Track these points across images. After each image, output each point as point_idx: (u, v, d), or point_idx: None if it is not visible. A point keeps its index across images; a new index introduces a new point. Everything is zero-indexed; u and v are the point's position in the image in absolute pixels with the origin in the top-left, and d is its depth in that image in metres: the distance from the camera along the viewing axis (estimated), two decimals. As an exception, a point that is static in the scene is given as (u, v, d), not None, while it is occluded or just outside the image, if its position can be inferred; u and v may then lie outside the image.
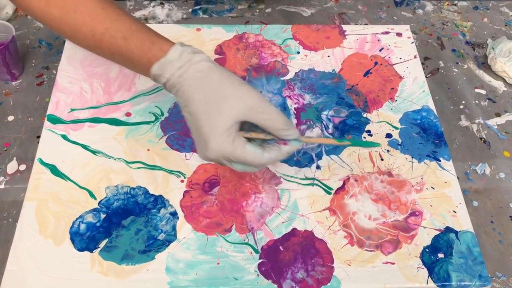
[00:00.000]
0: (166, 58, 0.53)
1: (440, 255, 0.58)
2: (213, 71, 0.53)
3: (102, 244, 0.57)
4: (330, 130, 0.68)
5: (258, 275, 0.56)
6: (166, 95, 0.69)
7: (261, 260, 0.57)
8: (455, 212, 0.61)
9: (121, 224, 0.58)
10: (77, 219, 0.58)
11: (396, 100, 0.72)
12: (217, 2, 0.88)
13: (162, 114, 0.68)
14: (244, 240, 0.58)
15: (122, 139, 0.65)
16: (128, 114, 0.68)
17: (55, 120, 0.66)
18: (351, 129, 0.68)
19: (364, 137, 0.67)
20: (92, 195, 0.60)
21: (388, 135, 0.68)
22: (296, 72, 0.74)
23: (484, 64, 0.83)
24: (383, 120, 0.70)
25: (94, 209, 0.59)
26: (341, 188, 0.63)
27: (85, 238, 0.57)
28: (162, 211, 0.59)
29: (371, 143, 0.59)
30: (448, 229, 0.60)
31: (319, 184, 0.63)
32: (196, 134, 0.53)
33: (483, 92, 0.79)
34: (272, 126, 0.52)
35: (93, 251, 0.56)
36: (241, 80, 0.53)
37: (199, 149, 0.53)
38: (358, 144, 0.60)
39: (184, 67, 0.52)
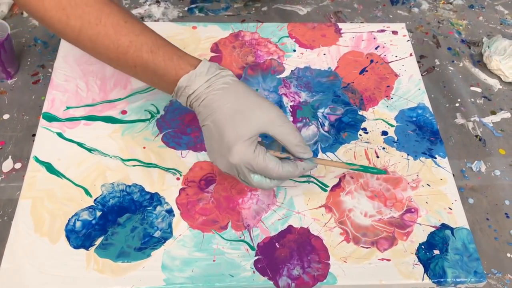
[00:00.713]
0: (195, 71, 0.55)
1: (436, 252, 0.58)
2: (238, 84, 0.56)
3: (98, 241, 0.57)
4: (326, 128, 0.68)
5: (254, 272, 0.56)
6: (162, 93, 0.69)
7: (257, 257, 0.57)
8: (450, 209, 0.61)
9: (117, 222, 0.58)
10: (72, 216, 0.58)
11: (391, 98, 0.72)
12: (213, 0, 0.88)
13: (158, 112, 0.68)
14: (240, 237, 0.58)
15: (118, 137, 0.65)
16: (123, 112, 0.68)
17: (50, 118, 0.66)
18: (347, 127, 0.68)
19: (360, 134, 0.68)
20: (87, 192, 0.60)
21: (384, 133, 0.68)
22: (292, 70, 0.74)
23: (479, 62, 0.83)
24: (379, 118, 0.70)
25: (90, 207, 0.59)
26: (337, 185, 0.63)
27: (80, 236, 0.57)
28: (158, 208, 0.59)
29: (378, 170, 0.60)
30: (444, 226, 0.60)
31: (315, 181, 0.63)
32: (217, 143, 0.54)
33: (478, 90, 0.80)
34: (290, 141, 0.54)
35: (89, 249, 0.56)
36: (262, 96, 0.57)
37: (219, 157, 0.54)
38: (367, 170, 0.60)
39: (211, 80, 0.55)
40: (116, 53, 0.56)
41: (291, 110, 0.70)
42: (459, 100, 0.78)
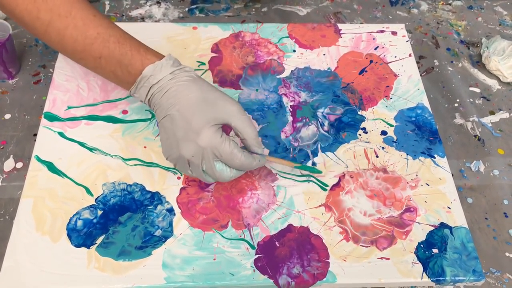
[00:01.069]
0: (161, 61, 0.57)
1: (435, 251, 0.58)
2: (201, 79, 0.59)
3: (99, 240, 0.57)
4: (325, 128, 0.68)
5: (254, 270, 0.56)
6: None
7: (257, 256, 0.57)
8: (449, 208, 0.62)
9: (118, 221, 0.58)
10: (74, 215, 0.58)
11: (391, 98, 0.72)
12: (214, 1, 0.88)
13: (159, 112, 0.68)
14: (240, 236, 0.58)
15: (119, 137, 0.65)
16: (124, 112, 0.68)
17: (52, 117, 0.67)
18: (346, 127, 0.69)
19: (360, 134, 0.68)
20: (89, 191, 0.60)
21: (383, 132, 0.68)
22: (292, 70, 0.75)
23: (478, 62, 0.84)
24: (378, 118, 0.70)
25: (91, 206, 0.59)
26: (337, 185, 0.63)
27: (82, 235, 0.57)
28: (159, 207, 0.60)
29: (316, 169, 0.63)
30: (443, 225, 0.60)
31: (315, 180, 0.63)
32: (182, 130, 0.55)
33: (477, 90, 0.80)
34: (249, 133, 0.57)
35: (90, 247, 0.56)
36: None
37: (185, 143, 0.55)
38: (305, 168, 0.63)
39: (176, 72, 0.57)
40: (83, 45, 0.57)
41: (291, 110, 0.70)
42: (458, 100, 0.78)
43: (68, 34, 0.57)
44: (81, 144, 0.64)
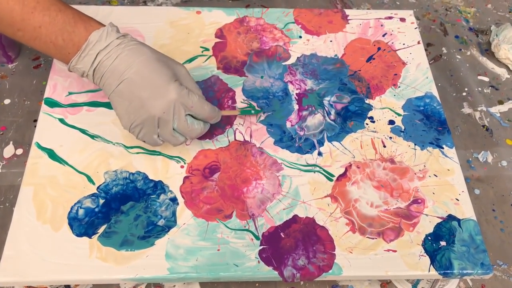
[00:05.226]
0: (106, 27, 0.56)
1: (442, 243, 0.57)
2: (146, 44, 0.58)
3: (101, 229, 0.56)
4: (332, 116, 0.67)
5: (258, 261, 0.55)
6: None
7: (262, 247, 0.56)
8: (457, 200, 0.61)
9: (120, 210, 0.57)
10: (75, 204, 0.57)
11: (399, 87, 0.71)
12: (218, -16, 0.86)
13: (162, 99, 0.67)
14: (245, 227, 0.57)
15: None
16: (127, 98, 0.66)
17: (52, 103, 0.65)
18: (353, 116, 0.67)
19: (367, 123, 0.67)
20: (90, 180, 0.59)
21: (391, 122, 0.67)
22: (298, 57, 0.73)
23: (487, 51, 0.82)
24: (386, 107, 0.69)
25: (93, 194, 0.58)
26: (343, 175, 0.62)
27: (83, 224, 0.56)
28: (162, 196, 0.59)
29: (257, 110, 0.67)
30: (451, 217, 0.59)
31: (321, 170, 0.62)
32: (147, 90, 0.55)
33: (486, 79, 0.79)
34: (198, 92, 0.59)
35: (92, 237, 0.55)
36: None
37: (153, 101, 0.55)
38: (248, 112, 0.66)
39: (121, 38, 0.56)
40: (21, 14, 0.55)
41: (296, 98, 0.68)
42: (466, 89, 0.77)
43: (3, 3, 0.54)
44: (82, 131, 0.63)
